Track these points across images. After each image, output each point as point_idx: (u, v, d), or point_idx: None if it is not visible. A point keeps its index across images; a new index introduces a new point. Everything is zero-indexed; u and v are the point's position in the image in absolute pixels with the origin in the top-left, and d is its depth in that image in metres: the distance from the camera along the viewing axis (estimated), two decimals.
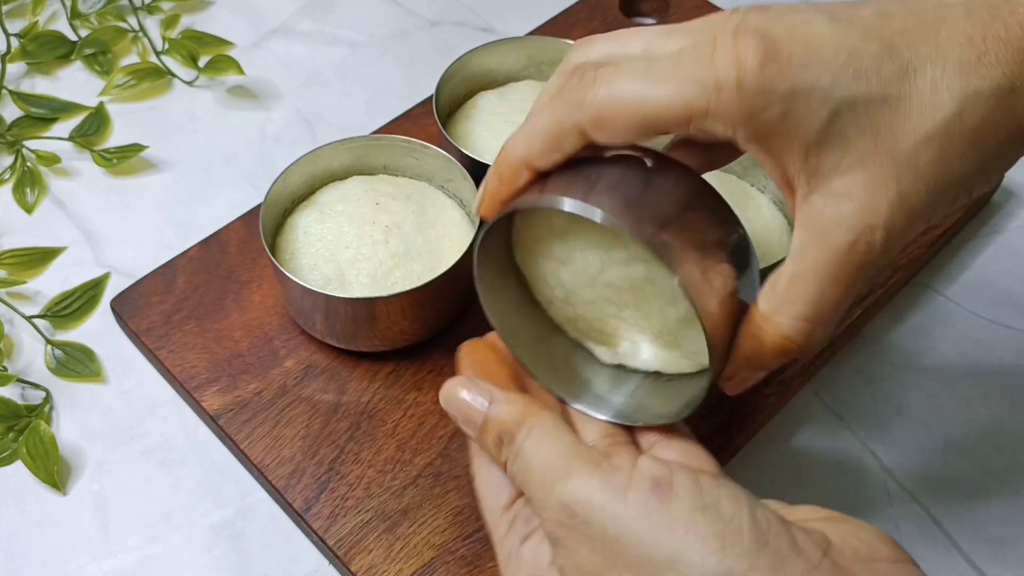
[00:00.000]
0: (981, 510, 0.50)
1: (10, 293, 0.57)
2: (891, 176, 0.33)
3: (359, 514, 0.47)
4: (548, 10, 0.71)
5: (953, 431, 0.53)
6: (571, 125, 0.35)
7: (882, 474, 0.51)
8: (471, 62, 0.59)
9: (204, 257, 0.57)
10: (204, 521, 0.49)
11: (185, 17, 0.72)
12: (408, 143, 0.55)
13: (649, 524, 0.31)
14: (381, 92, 0.68)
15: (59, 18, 0.72)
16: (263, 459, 0.49)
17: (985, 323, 0.57)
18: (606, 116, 0.35)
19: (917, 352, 0.56)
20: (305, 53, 0.71)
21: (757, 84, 0.33)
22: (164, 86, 0.68)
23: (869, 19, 0.34)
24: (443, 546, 0.46)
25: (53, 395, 0.53)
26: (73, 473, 0.51)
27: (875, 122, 0.33)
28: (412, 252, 0.52)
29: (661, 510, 0.31)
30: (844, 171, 0.33)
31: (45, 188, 0.63)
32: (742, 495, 0.33)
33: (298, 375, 0.52)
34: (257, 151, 0.65)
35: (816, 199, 0.34)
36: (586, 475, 0.33)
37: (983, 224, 0.62)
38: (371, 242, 0.51)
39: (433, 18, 0.73)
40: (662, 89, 0.34)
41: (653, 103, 0.34)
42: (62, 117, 0.66)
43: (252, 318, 0.54)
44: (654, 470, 0.33)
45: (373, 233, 0.52)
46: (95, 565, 0.48)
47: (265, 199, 0.51)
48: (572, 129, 0.36)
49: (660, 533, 0.31)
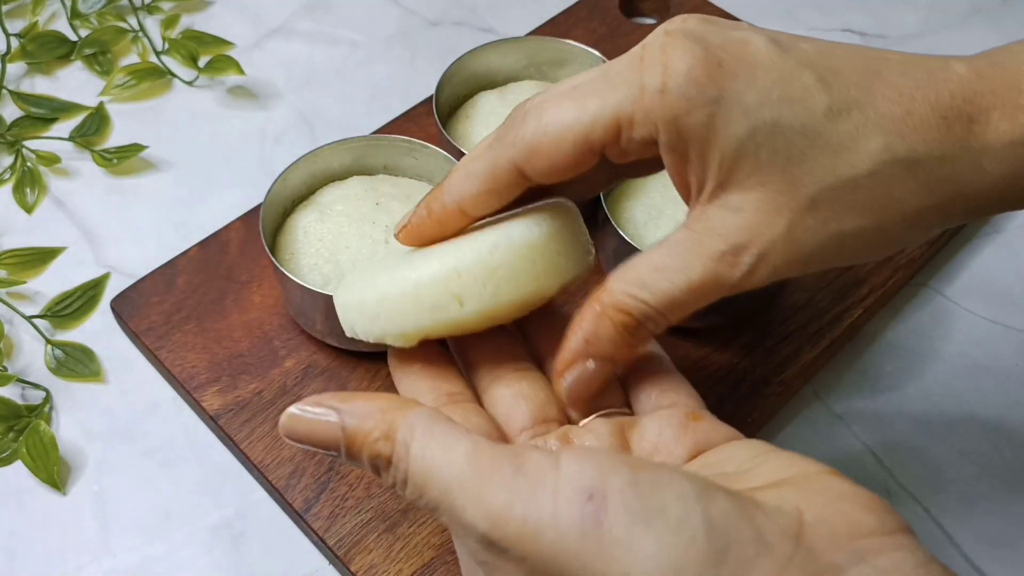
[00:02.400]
0: (981, 510, 0.50)
1: (10, 293, 0.57)
2: (786, 208, 0.33)
3: (359, 514, 0.47)
4: (548, 10, 0.71)
5: (953, 431, 0.53)
6: (506, 163, 0.35)
7: (882, 474, 0.51)
8: (471, 62, 0.59)
9: (204, 257, 0.57)
10: (204, 521, 0.49)
11: (185, 17, 0.72)
12: (408, 143, 0.55)
13: (587, 550, 0.26)
14: (381, 92, 0.68)
15: (59, 18, 0.72)
16: (263, 459, 0.49)
17: (985, 323, 0.57)
18: (538, 148, 0.34)
19: (917, 352, 0.56)
20: (305, 53, 0.71)
21: (682, 87, 0.32)
22: (164, 86, 0.68)
23: (809, 52, 0.34)
24: (443, 546, 0.46)
25: (53, 395, 0.53)
26: (73, 473, 0.51)
27: (789, 151, 0.32)
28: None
29: (596, 533, 0.26)
30: (746, 188, 0.33)
31: (45, 188, 0.63)
32: (690, 489, 0.27)
33: (298, 375, 0.52)
34: (257, 151, 0.65)
35: (711, 207, 0.34)
36: (502, 495, 0.28)
37: (983, 224, 0.62)
38: (371, 242, 0.51)
39: (433, 18, 0.73)
40: (588, 105, 0.33)
41: (581, 123, 0.33)
42: (62, 117, 0.66)
43: (252, 318, 0.54)
44: (582, 477, 0.27)
45: (373, 233, 0.52)
46: (95, 565, 0.48)
47: (265, 199, 0.51)
48: (507, 168, 0.35)
49: (600, 562, 0.26)
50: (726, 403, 0.51)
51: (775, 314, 0.54)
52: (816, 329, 0.54)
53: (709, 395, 0.51)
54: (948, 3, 0.75)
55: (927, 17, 0.74)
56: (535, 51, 0.61)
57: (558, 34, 0.68)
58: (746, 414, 0.51)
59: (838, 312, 0.54)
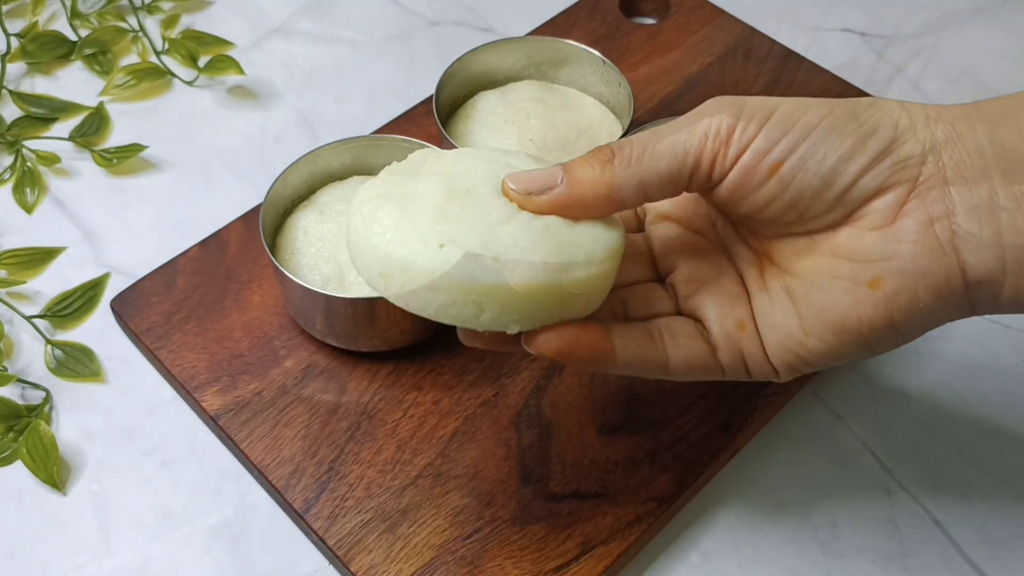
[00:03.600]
0: (981, 510, 0.50)
1: (10, 293, 0.57)
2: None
3: (359, 514, 0.47)
4: (548, 10, 0.71)
5: (953, 431, 0.53)
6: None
7: (882, 474, 0.51)
8: (471, 62, 0.59)
9: (204, 257, 0.57)
10: (204, 521, 0.49)
11: (185, 17, 0.72)
12: (408, 143, 0.55)
13: None
14: (381, 92, 0.68)
15: (59, 18, 0.72)
16: (263, 459, 0.49)
17: (985, 323, 0.57)
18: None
19: (917, 352, 0.56)
20: (305, 53, 0.71)
21: None
22: (164, 86, 0.68)
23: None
24: (443, 546, 0.46)
25: (53, 395, 0.53)
26: (73, 473, 0.51)
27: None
28: None
29: None
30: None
31: (45, 188, 0.63)
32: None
33: (298, 375, 0.52)
34: (257, 151, 0.65)
35: None
36: None
37: None
38: None
39: (433, 18, 0.73)
40: None
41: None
42: (62, 117, 0.66)
43: (252, 318, 0.54)
44: None
45: None
46: (95, 565, 0.48)
47: (265, 199, 0.51)
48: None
49: None
50: (727, 403, 0.51)
51: None
52: None
53: (709, 395, 0.51)
54: (948, 3, 0.75)
55: (927, 17, 0.74)
56: (535, 51, 0.61)
57: (558, 34, 0.68)
58: (746, 414, 0.51)
59: None
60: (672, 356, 0.38)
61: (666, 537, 0.49)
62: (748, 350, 0.38)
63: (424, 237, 0.35)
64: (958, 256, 0.34)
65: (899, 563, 0.48)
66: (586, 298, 0.37)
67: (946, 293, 0.35)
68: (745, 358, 0.38)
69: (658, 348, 0.38)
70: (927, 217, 0.34)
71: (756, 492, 0.50)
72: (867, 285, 0.35)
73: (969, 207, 0.34)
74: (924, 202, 0.34)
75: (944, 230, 0.34)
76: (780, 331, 0.37)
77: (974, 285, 0.35)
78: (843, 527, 0.49)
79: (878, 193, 0.35)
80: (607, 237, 0.37)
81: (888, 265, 0.35)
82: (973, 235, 0.34)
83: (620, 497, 0.48)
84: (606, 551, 0.46)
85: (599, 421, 0.50)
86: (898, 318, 0.35)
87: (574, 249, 0.36)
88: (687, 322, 0.39)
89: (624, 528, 0.47)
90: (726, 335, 0.38)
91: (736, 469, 0.51)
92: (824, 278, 0.36)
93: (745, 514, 0.49)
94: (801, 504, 0.50)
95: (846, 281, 0.36)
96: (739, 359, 0.38)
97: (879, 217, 0.35)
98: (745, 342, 0.38)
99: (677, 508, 0.49)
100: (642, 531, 0.47)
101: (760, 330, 0.38)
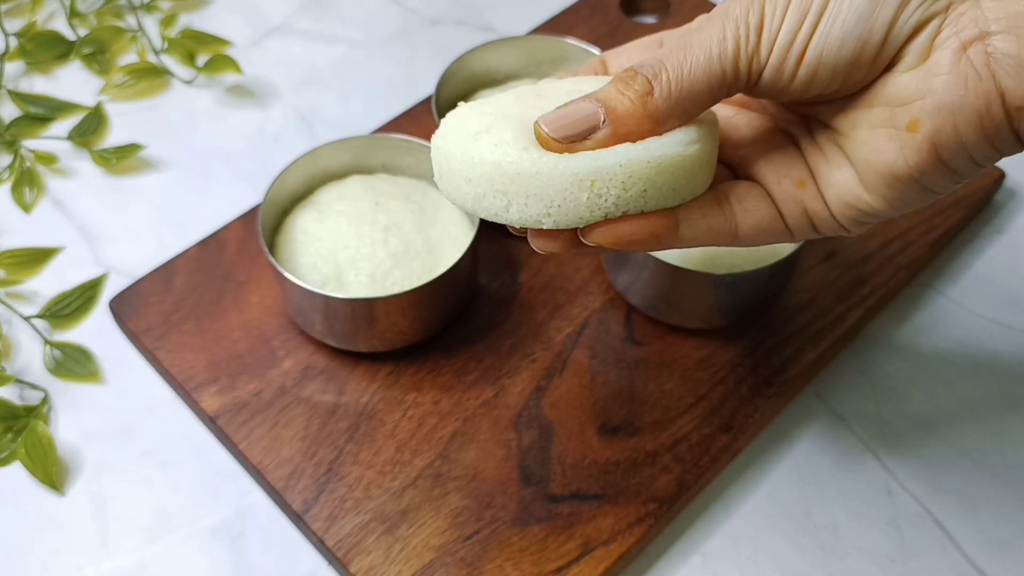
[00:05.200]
0: (981, 510, 0.50)
1: (8, 293, 0.57)
2: None
3: (358, 515, 0.47)
4: (548, 9, 0.71)
5: (954, 431, 0.52)
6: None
7: (883, 474, 0.51)
8: (471, 61, 0.59)
9: (202, 257, 0.56)
10: (202, 522, 0.49)
11: (183, 16, 0.72)
12: (407, 142, 0.54)
13: None
14: (381, 91, 0.68)
15: (57, 17, 0.72)
16: (262, 460, 0.49)
17: (986, 323, 0.57)
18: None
19: (918, 353, 0.55)
20: (304, 52, 0.71)
21: None
22: (162, 85, 0.68)
23: None
24: (442, 547, 0.46)
25: (51, 395, 0.53)
26: (71, 474, 0.51)
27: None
28: (411, 252, 0.51)
29: None
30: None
31: (43, 188, 0.62)
32: None
33: (297, 376, 0.52)
34: (256, 150, 0.65)
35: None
36: None
37: (985, 224, 0.61)
38: (370, 242, 0.51)
39: (433, 17, 0.73)
40: None
41: None
42: (60, 116, 0.66)
43: (251, 318, 0.54)
44: None
45: (372, 233, 0.52)
46: (93, 566, 0.48)
47: (264, 199, 0.51)
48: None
49: None
50: (728, 404, 0.51)
51: (777, 314, 0.54)
52: (818, 329, 0.54)
53: (711, 395, 0.51)
54: None
55: None
56: (535, 50, 0.60)
57: (558, 32, 0.68)
58: (748, 415, 0.50)
59: (840, 312, 0.54)
60: (741, 222, 0.38)
61: (667, 538, 0.49)
62: (812, 208, 0.38)
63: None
64: (995, 80, 0.33)
65: (900, 564, 0.48)
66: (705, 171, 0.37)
67: (987, 123, 0.33)
68: (810, 216, 0.38)
69: (726, 215, 0.38)
70: (959, 44, 0.33)
71: (757, 493, 0.50)
72: (906, 129, 0.34)
73: (1005, 26, 0.32)
74: (956, 28, 0.33)
75: (978, 55, 0.33)
76: (840, 187, 0.36)
77: (1014, 112, 0.33)
78: (844, 528, 0.49)
79: (914, 34, 0.34)
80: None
81: (923, 104, 0.33)
82: (1011, 56, 0.32)
83: (621, 498, 0.48)
84: (606, 552, 0.46)
85: (599, 422, 0.50)
86: (945, 156, 0.34)
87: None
88: (752, 185, 0.39)
89: (625, 529, 0.47)
90: (788, 195, 0.38)
91: (737, 470, 0.51)
92: (866, 130, 0.35)
93: (746, 515, 0.49)
94: (802, 505, 0.49)
95: (887, 129, 0.34)
96: (804, 217, 0.38)
97: (913, 58, 0.34)
98: (808, 200, 0.38)
99: (678, 509, 0.48)
100: (643, 532, 0.47)
101: (820, 188, 0.37)
